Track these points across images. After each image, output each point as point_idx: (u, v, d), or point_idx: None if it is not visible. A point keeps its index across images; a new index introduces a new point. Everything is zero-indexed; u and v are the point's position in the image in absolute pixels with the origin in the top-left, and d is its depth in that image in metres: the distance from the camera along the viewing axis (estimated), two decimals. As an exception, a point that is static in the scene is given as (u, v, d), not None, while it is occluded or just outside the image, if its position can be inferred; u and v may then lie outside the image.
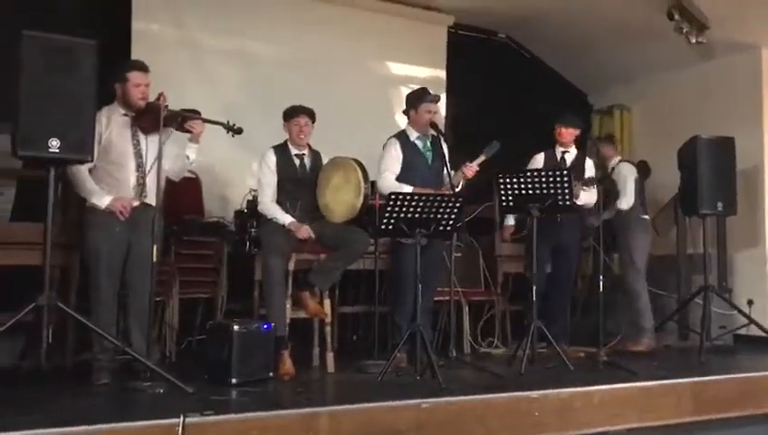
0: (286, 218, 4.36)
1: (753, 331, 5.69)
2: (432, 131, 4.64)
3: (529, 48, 7.54)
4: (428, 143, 4.69)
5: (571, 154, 5.23)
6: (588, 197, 4.94)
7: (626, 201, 5.50)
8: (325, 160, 4.59)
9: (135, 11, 5.55)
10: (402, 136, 4.74)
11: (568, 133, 5.21)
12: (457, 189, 4.57)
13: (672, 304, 6.27)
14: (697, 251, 5.96)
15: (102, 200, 3.85)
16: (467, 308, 5.44)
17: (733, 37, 6.14)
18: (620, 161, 5.68)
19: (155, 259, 3.69)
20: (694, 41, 5.96)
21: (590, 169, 5.17)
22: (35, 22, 3.68)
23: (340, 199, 4.37)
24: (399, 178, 4.65)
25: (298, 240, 4.33)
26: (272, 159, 4.47)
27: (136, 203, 3.90)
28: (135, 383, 3.57)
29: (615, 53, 6.89)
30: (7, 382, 3.85)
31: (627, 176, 5.55)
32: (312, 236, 4.34)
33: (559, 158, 5.25)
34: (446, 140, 4.66)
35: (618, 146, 5.99)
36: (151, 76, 4.03)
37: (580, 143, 5.34)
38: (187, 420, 2.80)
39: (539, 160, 5.26)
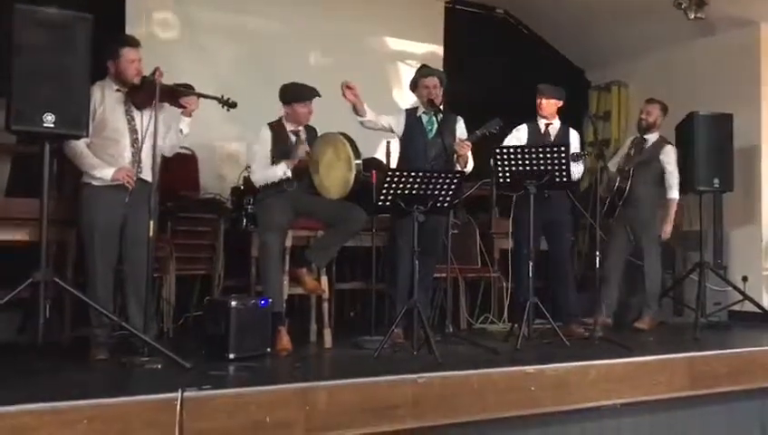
0: (281, 168, 4.31)
1: (748, 307, 5.73)
2: (431, 107, 4.62)
3: (527, 24, 7.50)
4: (433, 119, 4.67)
5: (555, 126, 5.14)
6: (574, 169, 4.88)
7: (677, 191, 5.45)
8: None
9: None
10: (411, 110, 4.84)
11: (549, 105, 5.08)
12: (467, 168, 4.56)
13: (667, 280, 6.29)
14: (693, 228, 5.97)
15: (106, 172, 3.83)
16: (464, 285, 5.46)
17: (731, 12, 6.10)
18: (666, 143, 5.49)
19: (151, 235, 3.68)
20: (692, 16, 5.93)
21: (574, 141, 5.06)
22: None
23: (334, 176, 4.34)
24: (401, 150, 4.77)
25: (294, 217, 4.31)
26: (267, 135, 4.44)
27: (138, 173, 3.88)
28: (133, 359, 3.58)
29: (613, 30, 6.85)
30: (5, 358, 3.86)
31: (674, 162, 5.45)
32: (307, 149, 4.30)
33: (543, 130, 5.13)
34: (444, 115, 4.63)
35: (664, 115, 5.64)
36: (145, 51, 4.00)
37: (565, 116, 5.25)
38: (185, 394, 2.81)
39: (522, 131, 5.14)
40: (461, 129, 4.75)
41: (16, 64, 3.33)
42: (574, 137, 5.13)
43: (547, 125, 5.13)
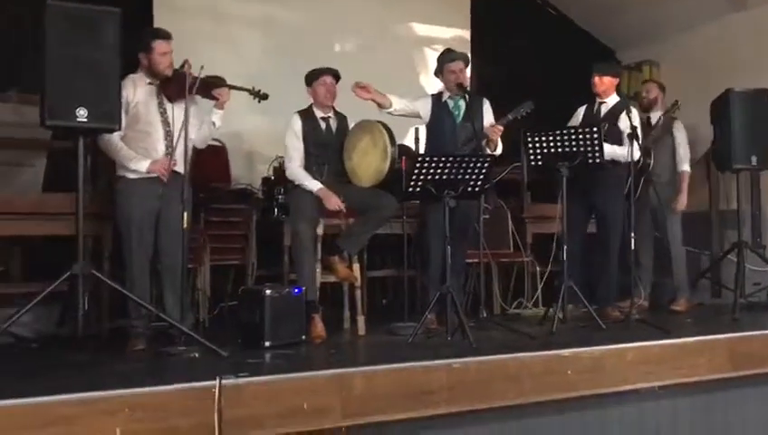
0: (315, 185, 4.34)
1: (789, 287, 5.61)
2: (459, 91, 4.59)
3: (555, 4, 7.39)
4: (460, 103, 4.65)
5: (608, 105, 5.07)
6: (620, 151, 4.79)
7: (688, 163, 5.44)
8: (351, 124, 4.56)
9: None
10: (437, 95, 4.80)
11: (601, 82, 5.03)
12: (496, 152, 4.53)
13: (705, 260, 6.19)
14: (730, 207, 5.87)
15: (141, 164, 3.88)
16: (497, 270, 5.43)
17: (767, -15, 5.96)
18: (674, 119, 5.45)
19: (185, 226, 3.72)
20: (726, -9, 5.80)
21: (625, 119, 4.86)
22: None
23: (368, 163, 4.36)
24: (428, 135, 4.74)
25: (325, 206, 4.32)
26: (297, 124, 4.45)
27: (173, 165, 3.91)
28: (170, 348, 3.63)
29: (643, 8, 6.73)
30: (46, 350, 3.94)
31: (684, 136, 5.46)
32: (342, 206, 4.31)
33: (595, 109, 5.09)
34: (471, 98, 4.58)
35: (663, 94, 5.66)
36: (174, 43, 4.03)
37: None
38: (223, 382, 2.84)
39: (579, 112, 5.15)
40: (488, 111, 4.72)
41: (48, 60, 3.38)
42: (627, 118, 4.84)
43: (601, 103, 5.07)
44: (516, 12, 7.15)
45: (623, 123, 4.88)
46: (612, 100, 5.08)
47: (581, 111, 5.16)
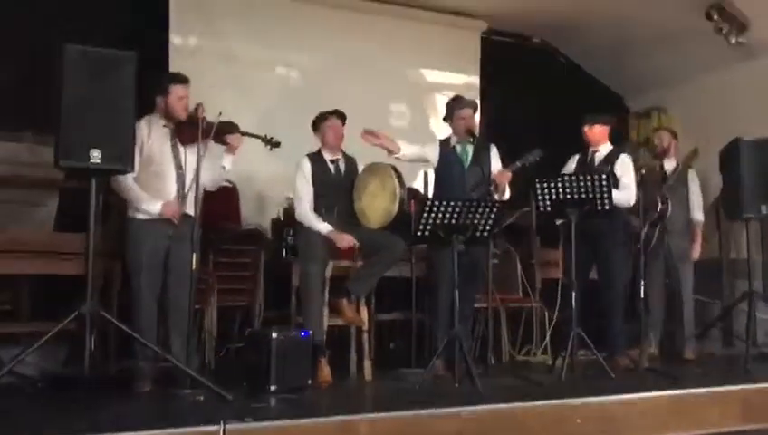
0: (325, 227, 4.36)
1: (801, 337, 5.54)
2: (468, 137, 4.64)
3: (564, 52, 7.48)
4: (467, 148, 4.69)
5: (601, 153, 5.10)
6: (620, 196, 4.80)
7: (701, 213, 5.46)
8: (361, 167, 4.60)
9: (172, 24, 5.67)
10: (445, 140, 4.84)
11: (591, 132, 5.08)
12: (504, 196, 4.54)
13: (715, 310, 6.13)
14: (741, 256, 5.83)
15: (153, 206, 3.91)
16: (505, 315, 5.39)
17: (773, 37, 6.02)
18: (689, 168, 5.45)
19: (194, 268, 3.73)
20: (734, 41, 5.87)
21: (621, 166, 4.96)
22: (75, 35, 3.74)
23: (377, 206, 4.38)
24: (437, 180, 4.77)
25: (335, 247, 4.33)
26: (307, 166, 4.49)
27: (183, 209, 3.94)
28: (176, 390, 3.61)
29: (652, 56, 6.79)
30: (52, 389, 3.93)
31: (698, 186, 5.50)
32: (354, 243, 4.32)
33: (588, 158, 5.11)
34: (478, 144, 4.63)
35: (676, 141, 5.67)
36: (189, 88, 4.09)
37: (615, 140, 5.20)
38: (228, 426, 2.82)
39: (572, 161, 5.16)
40: (495, 156, 4.74)
41: (64, 101, 3.41)
42: (623, 162, 4.99)
43: (594, 152, 5.10)
44: (526, 59, 7.24)
45: (619, 171, 4.93)
46: (605, 148, 5.11)
47: (574, 159, 5.17)
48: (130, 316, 3.95)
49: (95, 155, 3.46)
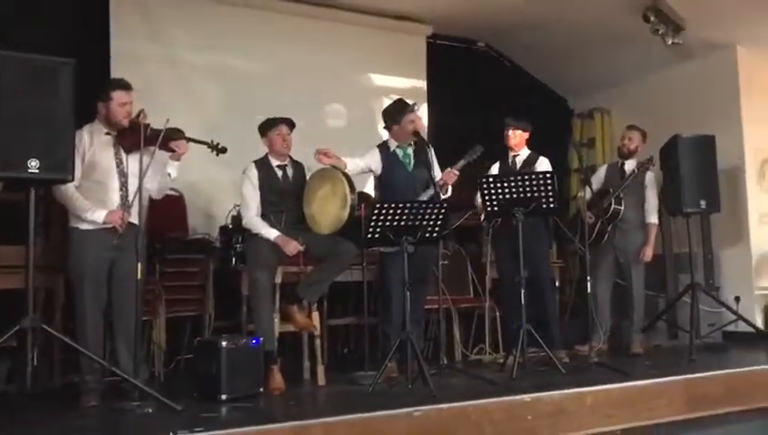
0: (272, 233, 4.33)
1: (742, 327, 5.72)
2: (414, 139, 4.66)
3: (508, 56, 7.59)
4: (408, 151, 4.72)
5: (521, 156, 5.20)
6: None
7: (656, 216, 5.56)
8: (308, 173, 4.58)
9: (113, 28, 5.56)
10: (383, 146, 4.83)
11: (514, 135, 5.16)
12: (445, 196, 4.58)
13: (660, 303, 6.29)
14: (683, 250, 5.99)
15: (98, 215, 3.82)
16: (457, 316, 5.43)
17: (707, 37, 6.21)
18: (644, 170, 5.46)
19: (140, 277, 3.66)
20: (670, 42, 6.03)
21: (541, 167, 5.04)
22: (12, 42, 3.64)
23: (327, 211, 4.36)
24: (381, 186, 4.77)
25: (284, 253, 4.30)
26: (254, 173, 4.45)
27: (128, 217, 3.87)
28: (124, 404, 3.53)
29: (593, 58, 6.95)
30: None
31: (654, 189, 5.59)
32: (301, 248, 4.30)
33: (510, 162, 5.21)
34: (428, 147, 4.66)
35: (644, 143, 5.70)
36: (132, 94, 4.02)
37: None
38: (178, 437, 2.77)
39: (494, 168, 5.25)
40: (433, 157, 4.73)
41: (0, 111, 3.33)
42: (542, 164, 5.12)
43: (514, 156, 5.19)
44: (471, 62, 7.34)
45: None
46: (524, 152, 5.22)
47: (495, 166, 5.27)
48: (75, 329, 3.85)
49: (33, 165, 3.38)
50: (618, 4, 6.08)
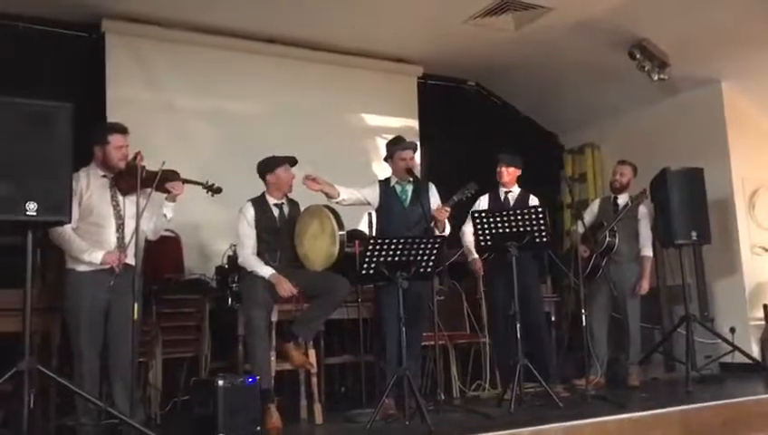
0: (267, 271, 4.35)
1: (739, 358, 5.74)
2: (409, 178, 4.73)
3: (499, 94, 7.72)
4: (407, 188, 4.77)
5: (514, 193, 5.26)
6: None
7: (650, 249, 5.60)
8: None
9: (109, 74, 5.67)
10: (384, 181, 4.90)
11: (507, 172, 5.22)
12: (444, 232, 4.62)
13: (656, 335, 6.30)
14: (677, 282, 6.02)
15: (95, 256, 3.85)
16: (454, 352, 5.43)
17: (693, 73, 6.35)
18: (638, 203, 5.51)
19: (136, 318, 3.67)
20: (656, 78, 6.15)
21: (532, 204, 5.09)
22: (9, 87, 3.71)
23: (318, 248, 4.40)
24: (377, 220, 4.82)
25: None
26: (250, 212, 4.50)
27: (124, 258, 3.89)
28: (120, 445, 3.51)
29: (582, 95, 7.08)
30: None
31: (648, 222, 5.63)
32: (295, 292, 4.32)
33: (503, 198, 5.26)
34: (428, 184, 4.73)
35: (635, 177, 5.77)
36: (128, 138, 4.09)
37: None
38: (174, 476, 2.76)
39: (483, 202, 5.28)
40: (434, 194, 4.83)
41: (-2, 155, 3.37)
42: (533, 202, 5.19)
43: (507, 193, 5.25)
44: (462, 102, 7.46)
45: None
46: (516, 189, 5.29)
47: (484, 199, 5.29)
48: (71, 372, 3.85)
49: (31, 207, 3.41)
50: (603, 43, 6.22)
